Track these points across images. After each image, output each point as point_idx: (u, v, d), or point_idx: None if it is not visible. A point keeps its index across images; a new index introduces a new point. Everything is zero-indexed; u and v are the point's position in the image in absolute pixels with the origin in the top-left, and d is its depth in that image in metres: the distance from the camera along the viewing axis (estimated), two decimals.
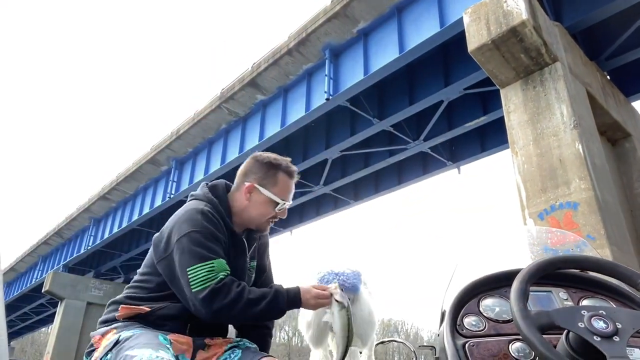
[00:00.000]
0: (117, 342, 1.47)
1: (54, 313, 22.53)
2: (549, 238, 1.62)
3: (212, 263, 1.57)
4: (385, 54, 8.60)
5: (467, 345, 1.13)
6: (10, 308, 27.67)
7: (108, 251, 20.25)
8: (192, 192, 1.85)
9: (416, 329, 57.99)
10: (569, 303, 1.26)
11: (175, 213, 1.74)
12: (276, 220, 1.85)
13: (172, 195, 14.19)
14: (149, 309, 1.61)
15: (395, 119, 10.10)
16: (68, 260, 20.59)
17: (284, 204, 1.81)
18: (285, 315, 1.77)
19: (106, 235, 18.06)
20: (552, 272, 1.12)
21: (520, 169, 5.92)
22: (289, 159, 1.86)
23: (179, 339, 1.57)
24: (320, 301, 1.69)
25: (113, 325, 1.58)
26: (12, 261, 25.15)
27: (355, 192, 14.75)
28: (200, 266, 1.55)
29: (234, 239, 1.76)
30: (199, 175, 13.32)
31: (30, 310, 28.32)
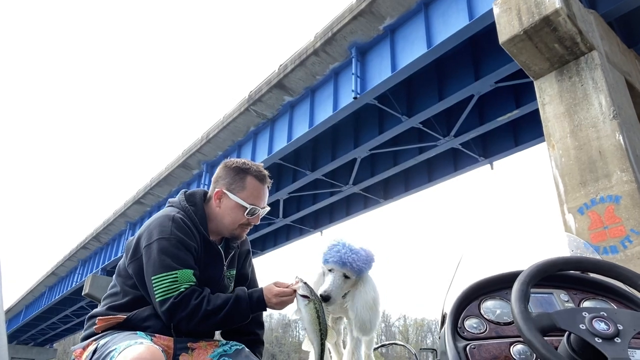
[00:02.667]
0: (95, 351, 1.48)
1: None
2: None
3: (176, 273, 1.56)
4: (413, 50, 8.48)
5: (468, 347, 1.14)
6: (52, 311, 28.68)
7: None
8: (170, 199, 1.83)
9: None
10: (570, 305, 1.26)
11: (149, 219, 1.74)
12: (250, 227, 1.81)
13: None
14: (126, 316, 1.60)
15: (424, 115, 9.95)
16: (106, 263, 21.17)
17: (254, 209, 1.76)
18: None
19: None
20: (553, 274, 1.12)
21: (557, 163, 5.73)
22: (261, 164, 1.83)
23: (159, 340, 1.56)
24: (283, 299, 1.64)
25: (93, 338, 1.58)
26: (53, 265, 26.06)
27: (385, 191, 14.62)
28: (164, 276, 1.55)
29: (208, 247, 1.73)
30: None
31: (71, 313, 29.24)
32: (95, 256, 22.95)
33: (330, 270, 2.02)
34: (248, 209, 1.75)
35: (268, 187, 1.84)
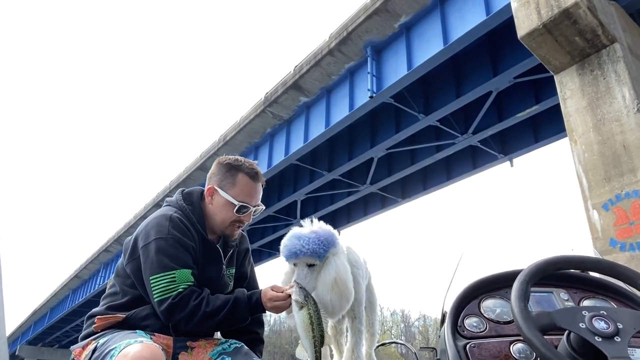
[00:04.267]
0: (94, 350, 1.48)
1: None
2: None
3: (174, 273, 1.56)
4: (429, 47, 8.40)
5: (468, 346, 1.14)
6: (75, 313, 29.19)
7: None
8: (167, 198, 1.83)
9: None
10: (570, 304, 1.27)
11: (146, 218, 1.73)
12: (242, 225, 1.77)
13: None
14: (125, 316, 1.60)
15: (441, 113, 9.85)
16: None
17: (244, 206, 1.72)
18: None
19: None
20: (552, 273, 1.13)
21: (580, 158, 5.60)
22: (254, 162, 1.80)
23: (159, 338, 1.56)
24: (277, 304, 1.60)
25: (92, 337, 1.58)
26: (76, 269, 26.53)
27: (403, 190, 14.52)
28: (162, 276, 1.55)
29: (206, 246, 1.72)
30: None
31: None
32: (117, 259, 23.28)
33: (295, 265, 1.95)
34: (237, 206, 1.72)
35: (262, 184, 1.81)
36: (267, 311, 1.62)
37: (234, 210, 1.72)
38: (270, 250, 18.07)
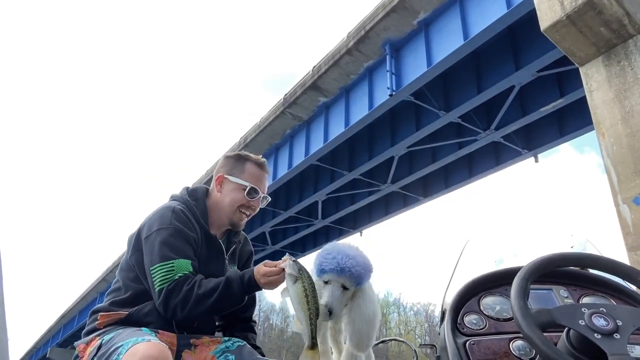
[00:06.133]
0: (100, 347, 1.48)
1: None
2: None
3: (173, 263, 1.56)
4: (449, 43, 8.31)
5: (467, 343, 1.14)
6: None
7: None
8: (172, 194, 1.86)
9: None
10: (570, 301, 1.27)
11: (152, 212, 1.76)
12: (249, 212, 1.82)
13: None
14: (127, 312, 1.60)
15: (463, 109, 9.74)
16: None
17: (254, 189, 1.78)
18: None
19: None
20: (552, 270, 1.13)
21: (608, 151, 5.45)
22: (259, 156, 1.89)
23: (163, 336, 1.56)
24: (270, 278, 1.58)
25: (96, 333, 1.58)
26: (103, 272, 27.10)
27: (425, 189, 14.39)
28: (161, 266, 1.56)
29: (209, 241, 1.74)
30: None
31: None
32: None
33: (326, 283, 1.86)
34: (248, 188, 1.77)
35: (268, 175, 1.88)
36: (262, 288, 1.59)
37: (245, 193, 1.77)
38: (292, 252, 18.12)
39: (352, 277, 1.83)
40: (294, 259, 1.60)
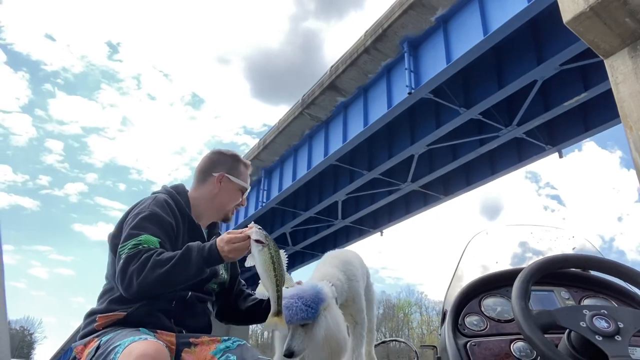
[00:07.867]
0: (98, 347, 1.47)
1: None
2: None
3: (140, 238, 1.56)
4: (468, 39, 8.20)
5: (468, 344, 1.14)
6: None
7: None
8: (155, 190, 1.93)
9: None
10: (571, 302, 1.27)
11: None
12: (239, 208, 1.99)
13: (264, 204, 14.70)
14: (126, 312, 1.59)
15: (483, 105, 9.60)
16: None
17: (246, 190, 1.98)
18: (381, 316, 1.64)
19: None
20: (553, 272, 1.13)
21: (637, 145, 5.28)
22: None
23: (162, 335, 1.55)
24: (235, 245, 1.54)
25: (95, 335, 1.57)
26: None
27: (445, 187, 14.23)
28: (128, 242, 1.56)
29: (193, 229, 1.80)
30: (287, 182, 13.63)
31: None
32: None
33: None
34: (246, 190, 1.97)
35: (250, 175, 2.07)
36: (224, 259, 1.55)
37: (242, 194, 1.96)
38: (313, 252, 18.14)
39: (301, 322, 1.89)
40: (259, 226, 1.58)
